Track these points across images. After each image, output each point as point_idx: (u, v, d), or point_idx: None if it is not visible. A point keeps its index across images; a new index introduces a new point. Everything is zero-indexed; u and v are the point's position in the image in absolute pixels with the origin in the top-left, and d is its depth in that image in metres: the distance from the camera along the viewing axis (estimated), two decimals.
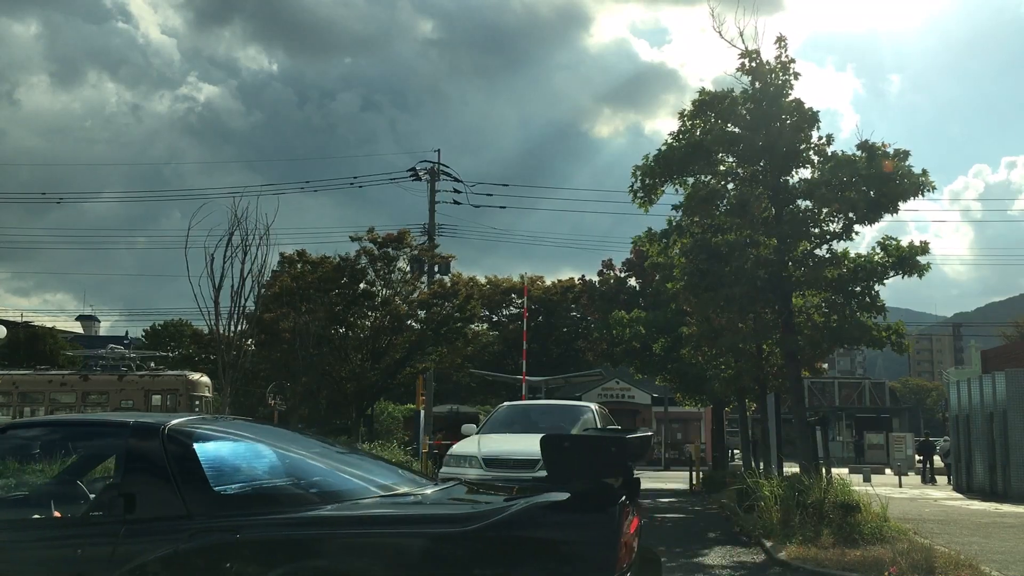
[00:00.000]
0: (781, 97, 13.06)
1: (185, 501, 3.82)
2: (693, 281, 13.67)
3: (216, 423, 4.72)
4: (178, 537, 3.74)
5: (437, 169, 37.91)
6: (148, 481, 3.94)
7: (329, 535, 3.75)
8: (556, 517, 3.68)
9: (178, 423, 4.21)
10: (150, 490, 3.90)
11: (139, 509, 3.84)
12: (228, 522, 3.76)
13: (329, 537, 3.74)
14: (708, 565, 9.12)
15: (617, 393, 49.82)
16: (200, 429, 4.32)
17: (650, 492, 21.82)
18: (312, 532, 3.74)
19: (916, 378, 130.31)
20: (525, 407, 15.38)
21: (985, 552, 9.66)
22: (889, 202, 12.57)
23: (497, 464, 11.12)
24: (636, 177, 13.69)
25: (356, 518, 3.86)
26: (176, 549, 3.73)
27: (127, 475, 3.98)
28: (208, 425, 4.54)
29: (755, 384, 18.33)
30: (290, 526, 3.75)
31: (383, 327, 29.86)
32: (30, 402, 26.83)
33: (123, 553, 3.74)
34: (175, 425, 4.16)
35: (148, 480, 3.94)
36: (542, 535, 3.62)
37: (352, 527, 3.80)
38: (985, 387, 23.12)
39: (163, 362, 37.58)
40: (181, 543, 3.73)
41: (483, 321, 52.15)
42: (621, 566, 3.57)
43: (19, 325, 54.33)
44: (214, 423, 4.70)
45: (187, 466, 3.94)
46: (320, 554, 3.69)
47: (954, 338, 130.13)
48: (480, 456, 11.30)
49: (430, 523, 3.81)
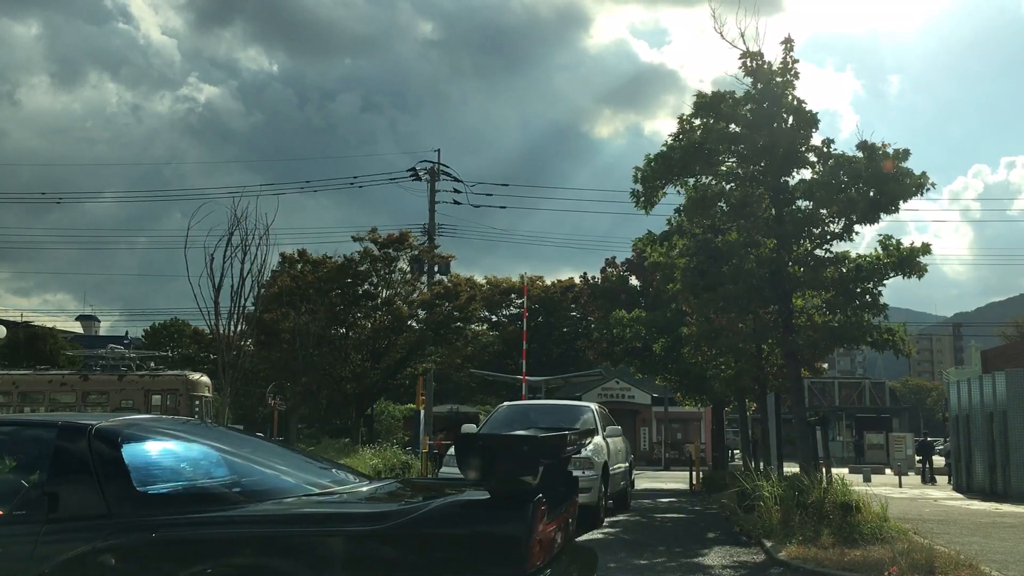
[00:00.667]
0: (782, 98, 13.07)
1: (107, 501, 3.90)
2: (693, 281, 13.66)
3: (151, 424, 4.82)
4: (96, 536, 3.82)
5: (437, 169, 37.91)
6: (72, 481, 4.02)
7: (244, 534, 3.83)
8: (470, 515, 3.78)
9: (107, 424, 4.29)
10: (73, 490, 3.98)
11: (61, 508, 3.91)
12: (147, 521, 3.84)
13: (244, 536, 3.82)
14: (708, 565, 9.12)
15: (617, 393, 49.79)
16: (130, 430, 4.39)
17: (650, 492, 21.81)
18: (227, 531, 3.82)
19: (916, 378, 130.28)
20: (525, 407, 15.30)
21: (985, 552, 9.66)
22: (889, 202, 12.57)
23: None
24: (637, 179, 13.70)
25: (272, 516, 3.94)
26: (93, 547, 3.80)
27: (52, 475, 4.07)
28: (140, 426, 4.63)
29: (755, 384, 18.33)
30: (206, 525, 3.84)
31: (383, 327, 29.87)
32: (30, 402, 26.82)
33: (43, 552, 3.83)
34: (103, 426, 4.24)
35: (72, 480, 4.03)
36: (455, 532, 3.71)
37: (267, 526, 3.87)
38: (985, 387, 23.12)
39: (163, 362, 37.56)
40: (98, 542, 3.80)
41: (483, 321, 52.16)
42: (535, 563, 3.65)
43: (19, 325, 54.33)
44: (149, 424, 4.79)
45: (111, 466, 4.01)
46: (233, 552, 3.78)
47: (954, 338, 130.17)
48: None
49: (344, 521, 3.88)
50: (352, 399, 31.15)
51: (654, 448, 50.31)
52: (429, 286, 32.30)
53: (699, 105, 13.41)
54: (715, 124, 13.35)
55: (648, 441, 51.46)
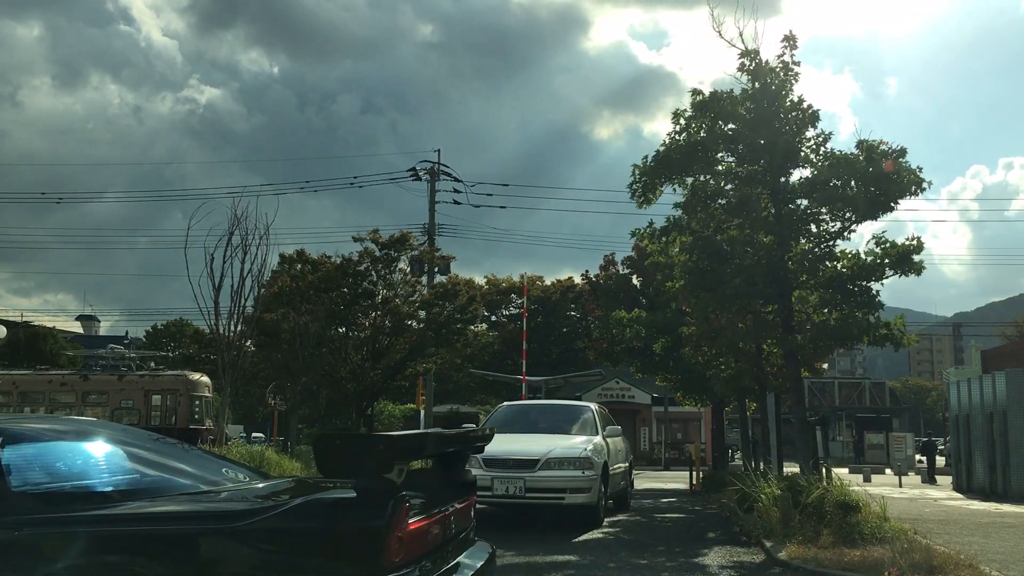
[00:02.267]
0: (781, 97, 13.06)
1: None
2: (693, 280, 13.66)
3: (39, 424, 4.91)
4: None
5: (437, 169, 37.90)
6: None
7: (103, 532, 3.90)
8: (330, 511, 3.88)
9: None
10: None
11: None
12: (15, 519, 3.92)
13: (103, 534, 3.89)
14: (708, 565, 9.12)
15: (617, 393, 49.80)
16: (13, 428, 4.47)
17: (650, 492, 21.81)
18: (88, 529, 3.90)
19: (916, 378, 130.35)
20: (525, 407, 15.18)
21: (985, 552, 9.66)
22: (888, 200, 12.58)
23: (496, 464, 10.91)
24: (635, 176, 13.70)
25: (133, 515, 4.01)
26: None
27: None
28: (25, 424, 4.72)
29: (755, 384, 18.33)
30: (69, 523, 3.92)
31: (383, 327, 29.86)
32: (30, 402, 26.85)
33: None
34: None
35: None
36: (313, 528, 3.79)
37: (126, 524, 3.95)
38: (985, 387, 23.12)
39: (163, 362, 37.57)
40: None
41: (483, 321, 52.16)
42: (393, 560, 3.76)
43: (19, 325, 54.34)
44: (36, 425, 4.89)
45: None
46: (91, 550, 3.84)
47: (954, 338, 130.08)
48: (480, 456, 11.42)
49: (203, 519, 3.95)
50: (352, 399, 31.12)
51: (654, 448, 50.30)
52: (429, 287, 32.31)
53: (699, 103, 13.41)
54: (714, 123, 13.35)
55: (648, 441, 51.46)
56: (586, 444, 11.82)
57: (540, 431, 12.76)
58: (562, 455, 11.22)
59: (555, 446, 11.50)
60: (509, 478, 10.93)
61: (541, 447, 11.44)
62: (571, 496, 11.08)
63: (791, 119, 13.10)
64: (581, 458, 11.24)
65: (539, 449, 11.36)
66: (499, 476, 10.92)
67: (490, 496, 10.90)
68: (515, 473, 10.95)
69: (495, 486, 10.89)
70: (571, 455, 11.25)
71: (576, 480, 11.10)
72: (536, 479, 10.98)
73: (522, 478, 10.94)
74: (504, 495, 10.95)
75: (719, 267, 13.18)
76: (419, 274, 32.19)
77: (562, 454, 11.25)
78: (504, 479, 10.93)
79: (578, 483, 11.10)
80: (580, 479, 11.13)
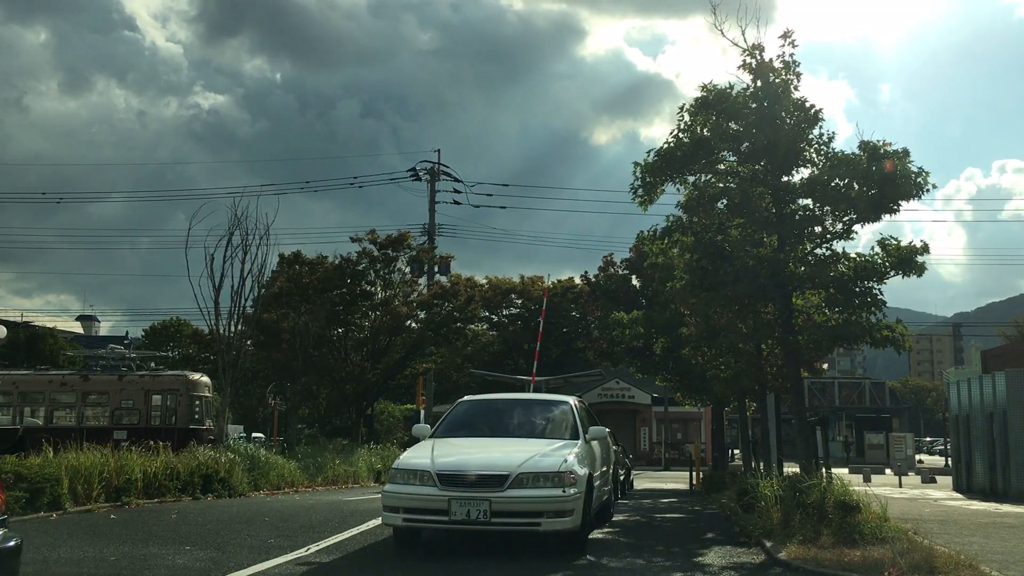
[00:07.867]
0: (784, 95, 13.04)
1: None
2: (694, 279, 13.63)
3: None
4: None
5: (437, 169, 37.91)
6: None
7: None
8: None
9: None
10: None
11: None
12: None
13: None
14: (708, 565, 9.11)
15: (617, 393, 49.83)
16: None
17: (650, 492, 21.82)
18: None
19: (916, 378, 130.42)
20: (490, 402, 12.09)
21: (985, 552, 9.65)
22: (890, 201, 12.56)
23: (454, 481, 8.76)
24: (637, 175, 13.66)
25: None
26: None
27: None
28: None
29: (755, 384, 18.32)
30: None
31: (383, 327, 29.86)
32: (30, 402, 26.83)
33: None
34: None
35: None
36: None
37: None
38: (985, 387, 23.11)
39: (163, 362, 37.55)
40: None
41: (483, 321, 52.17)
42: None
43: (19, 325, 54.35)
44: None
45: None
46: None
47: (954, 338, 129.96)
48: (434, 471, 8.89)
49: None
50: (352, 399, 31.14)
51: (654, 448, 50.35)
52: (428, 286, 32.31)
53: (701, 102, 13.37)
54: (719, 121, 13.31)
55: (648, 441, 51.49)
56: (567, 453, 9.41)
57: (510, 435, 10.58)
58: (537, 468, 8.89)
59: (529, 455, 9.15)
60: (471, 499, 8.64)
61: (511, 458, 9.06)
62: (549, 521, 8.69)
63: (794, 118, 13.07)
64: (562, 472, 8.88)
65: (508, 461, 9.00)
66: (457, 497, 8.66)
67: (447, 522, 8.71)
68: (478, 493, 8.67)
69: (453, 509, 8.62)
70: (549, 468, 8.92)
71: (555, 501, 8.69)
72: (504, 500, 8.63)
73: (487, 499, 8.61)
74: (464, 520, 8.62)
75: (721, 267, 13.15)
76: (419, 274, 32.18)
77: (537, 467, 8.92)
78: (464, 500, 8.64)
79: (558, 504, 8.70)
80: (560, 499, 8.72)
